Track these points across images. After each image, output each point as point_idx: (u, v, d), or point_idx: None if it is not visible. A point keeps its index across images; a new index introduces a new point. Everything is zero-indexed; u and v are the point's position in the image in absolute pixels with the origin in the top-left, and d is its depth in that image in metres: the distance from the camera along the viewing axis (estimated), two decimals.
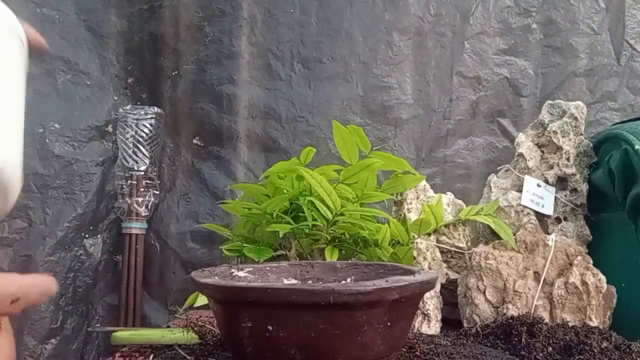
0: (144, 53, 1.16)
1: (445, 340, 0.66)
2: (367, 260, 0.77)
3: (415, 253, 0.83)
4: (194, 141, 1.17)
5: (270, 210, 0.79)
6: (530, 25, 1.18)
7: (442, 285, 0.87)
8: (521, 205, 0.91)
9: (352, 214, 0.77)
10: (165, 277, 1.15)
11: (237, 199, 1.07)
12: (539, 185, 0.93)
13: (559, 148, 0.94)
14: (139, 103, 1.16)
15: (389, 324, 0.41)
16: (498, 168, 1.05)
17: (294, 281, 0.57)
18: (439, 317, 0.81)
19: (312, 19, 1.16)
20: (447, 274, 0.89)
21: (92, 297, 1.12)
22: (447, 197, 0.94)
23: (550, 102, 0.99)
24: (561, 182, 0.94)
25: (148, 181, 1.12)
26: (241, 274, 0.55)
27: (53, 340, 1.05)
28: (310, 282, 0.57)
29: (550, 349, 0.63)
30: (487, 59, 1.18)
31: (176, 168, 1.17)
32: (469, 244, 0.92)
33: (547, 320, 0.75)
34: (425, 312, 0.79)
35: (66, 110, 1.09)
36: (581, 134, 0.95)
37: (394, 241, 0.82)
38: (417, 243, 0.84)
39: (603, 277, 0.77)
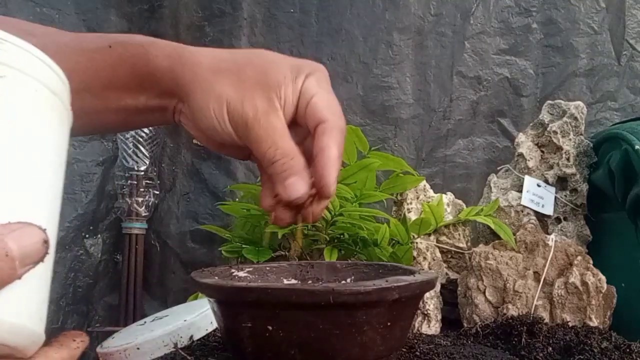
0: None
1: (445, 340, 0.66)
2: (367, 260, 0.77)
3: (415, 253, 0.83)
4: (194, 141, 1.17)
5: None
6: (531, 25, 1.18)
7: (442, 285, 0.87)
8: (521, 205, 0.91)
9: (351, 214, 0.77)
10: (165, 277, 1.15)
11: (237, 199, 1.07)
12: (539, 185, 0.93)
13: (559, 148, 0.94)
14: None
15: (389, 324, 0.41)
16: (498, 168, 1.05)
17: (293, 281, 0.57)
18: (439, 317, 0.81)
19: (312, 19, 1.16)
20: (447, 274, 0.89)
21: (92, 297, 1.12)
22: (447, 197, 0.94)
23: (550, 102, 0.99)
24: (561, 182, 0.94)
25: (148, 181, 1.12)
26: (241, 274, 0.55)
27: None
28: (310, 282, 0.57)
29: (550, 349, 0.63)
30: (488, 58, 1.18)
31: (176, 168, 1.17)
32: (469, 244, 0.92)
33: (547, 320, 0.75)
34: (425, 312, 0.79)
35: None
36: (581, 134, 0.95)
37: (393, 241, 0.82)
38: (417, 243, 0.84)
39: (603, 277, 0.77)
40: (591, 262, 0.80)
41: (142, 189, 1.11)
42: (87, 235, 1.11)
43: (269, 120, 0.40)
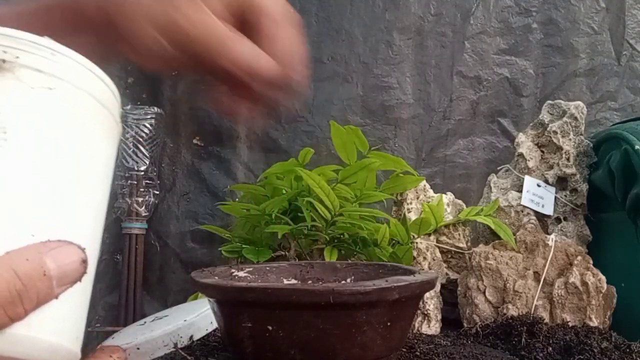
0: None
1: (445, 340, 0.66)
2: (367, 260, 0.77)
3: (415, 253, 0.83)
4: (194, 141, 1.17)
5: (269, 211, 0.79)
6: (531, 25, 1.18)
7: (442, 285, 0.87)
8: (521, 205, 0.91)
9: (351, 214, 0.77)
10: (165, 277, 1.15)
11: (237, 199, 1.07)
12: (539, 185, 0.93)
13: (559, 148, 0.94)
14: (139, 103, 1.16)
15: (389, 324, 0.41)
16: (498, 168, 1.05)
17: (293, 281, 0.57)
18: (439, 317, 0.81)
19: (312, 19, 1.16)
20: (447, 274, 0.89)
21: (92, 297, 1.11)
22: (447, 197, 0.94)
23: (550, 102, 0.99)
24: (561, 182, 0.94)
25: (148, 181, 1.12)
26: (241, 274, 0.55)
27: None
28: (310, 282, 0.57)
29: (550, 349, 0.63)
30: (488, 58, 1.18)
31: (176, 168, 1.17)
32: (469, 244, 0.92)
33: (547, 320, 0.75)
34: (425, 312, 0.79)
35: None
36: (581, 134, 0.95)
37: (393, 241, 0.82)
38: (417, 243, 0.84)
39: (603, 277, 0.77)
40: (591, 262, 0.80)
41: (142, 189, 1.11)
42: None
43: (203, 20, 0.36)
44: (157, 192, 1.14)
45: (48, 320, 0.25)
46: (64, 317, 0.27)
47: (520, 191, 0.92)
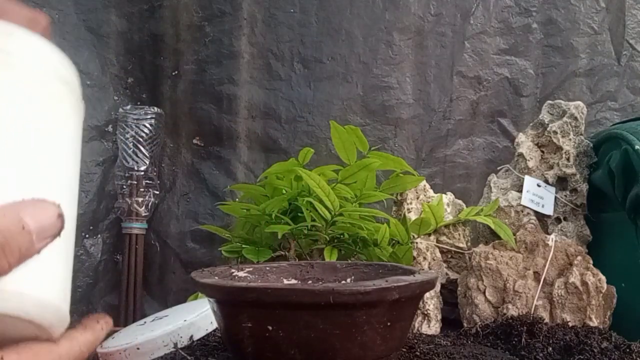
0: (144, 53, 1.16)
1: (445, 340, 0.66)
2: (367, 260, 0.77)
3: (415, 253, 0.83)
4: (194, 141, 1.17)
5: (269, 211, 0.79)
6: (531, 25, 1.18)
7: (442, 285, 0.87)
8: (521, 205, 0.91)
9: (351, 214, 0.77)
10: (165, 277, 1.15)
11: (237, 199, 1.07)
12: (539, 185, 0.93)
13: (559, 148, 0.94)
14: (139, 103, 1.16)
15: (389, 324, 0.41)
16: (498, 168, 1.05)
17: (293, 281, 0.57)
18: (439, 317, 0.81)
19: (312, 19, 1.16)
20: (447, 274, 0.89)
21: (92, 297, 1.12)
22: (447, 197, 0.94)
23: (550, 102, 0.99)
24: (561, 182, 0.94)
25: (148, 181, 1.12)
26: (241, 274, 0.55)
27: None
28: (310, 282, 0.57)
29: (550, 349, 0.63)
30: (488, 58, 1.18)
31: (176, 168, 1.17)
32: (469, 244, 0.92)
33: (547, 320, 0.75)
34: (425, 312, 0.79)
35: None
36: (581, 134, 0.95)
37: (393, 241, 0.82)
38: (417, 243, 0.84)
39: (603, 277, 0.77)
40: (591, 262, 0.80)
41: (142, 189, 1.11)
42: (87, 235, 1.11)
43: None
44: (157, 192, 1.14)
45: (36, 277, 0.26)
46: (51, 274, 0.27)
47: (520, 191, 0.92)
